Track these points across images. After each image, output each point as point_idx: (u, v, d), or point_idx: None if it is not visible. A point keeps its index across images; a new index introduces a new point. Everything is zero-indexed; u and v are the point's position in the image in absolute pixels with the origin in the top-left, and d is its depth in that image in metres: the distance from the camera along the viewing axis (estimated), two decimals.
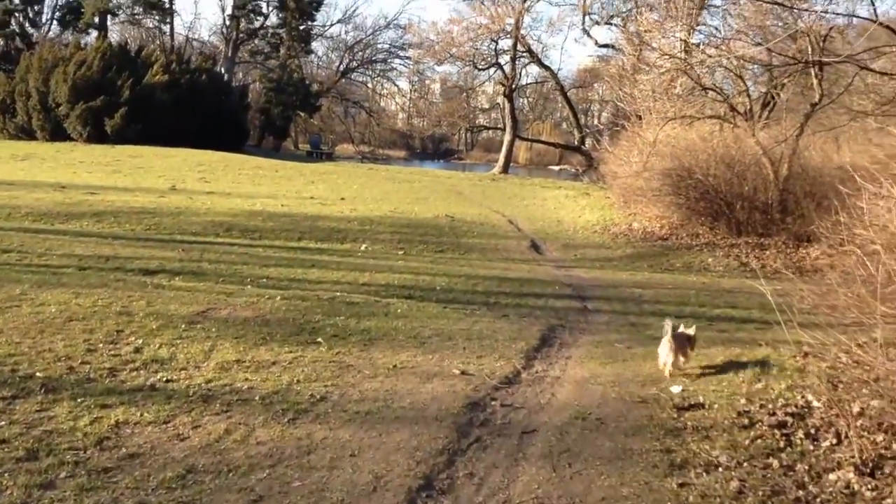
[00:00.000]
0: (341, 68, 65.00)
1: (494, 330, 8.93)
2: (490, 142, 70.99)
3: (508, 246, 17.58)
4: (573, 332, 9.39)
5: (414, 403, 6.25)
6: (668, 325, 7.17)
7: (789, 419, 5.82)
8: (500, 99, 53.67)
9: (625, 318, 10.68)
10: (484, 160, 63.86)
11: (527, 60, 49.29)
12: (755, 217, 17.74)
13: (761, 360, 7.52)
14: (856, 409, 5.84)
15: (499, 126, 59.36)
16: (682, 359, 7.24)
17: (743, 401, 6.31)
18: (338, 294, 10.68)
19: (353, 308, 9.68)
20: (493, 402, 6.38)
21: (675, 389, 6.69)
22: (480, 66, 49.85)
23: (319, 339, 7.97)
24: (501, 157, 48.00)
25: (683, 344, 7.28)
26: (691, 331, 7.44)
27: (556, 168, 60.67)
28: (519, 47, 47.23)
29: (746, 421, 5.86)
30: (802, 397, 6.27)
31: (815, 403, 6.10)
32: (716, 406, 6.25)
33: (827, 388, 6.51)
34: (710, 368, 7.39)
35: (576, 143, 49.81)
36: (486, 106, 65.13)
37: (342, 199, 24.05)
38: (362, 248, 16.10)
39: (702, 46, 22.29)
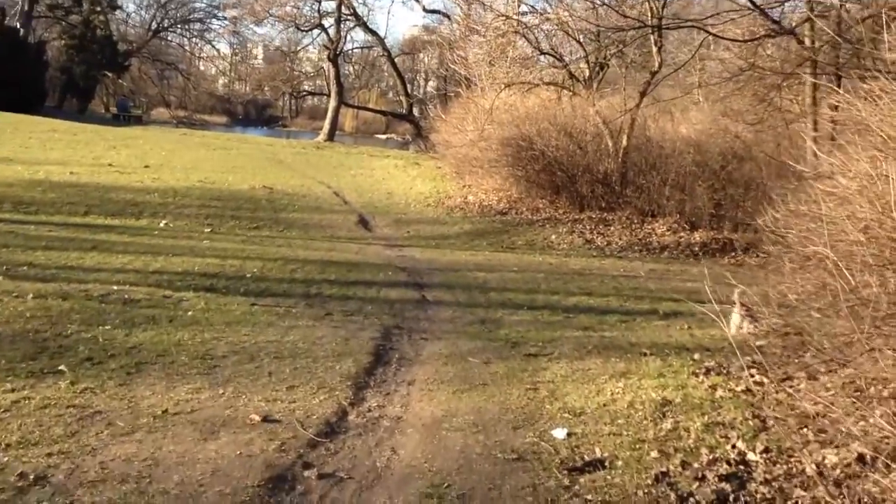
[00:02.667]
0: (153, 27, 59.76)
1: (314, 340, 6.79)
2: (316, 109, 67.70)
3: (334, 221, 15.41)
4: (413, 337, 7.40)
5: (184, 483, 4.02)
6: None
7: (727, 487, 4.06)
8: (325, 64, 50.61)
9: (471, 312, 8.79)
10: (309, 128, 60.54)
11: (352, 24, 46.51)
12: (597, 191, 16.41)
13: (657, 381, 5.81)
14: (808, 468, 4.17)
15: (324, 92, 56.37)
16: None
17: (654, 453, 4.50)
18: (115, 288, 8.21)
19: (129, 310, 7.29)
20: (306, 474, 4.25)
21: (559, 434, 4.82)
22: (303, 28, 46.72)
23: (62, 367, 5.54)
24: (326, 123, 45.21)
25: None
26: None
27: (384, 137, 58.45)
28: (343, 9, 44.52)
29: (671, 494, 4.05)
30: (732, 445, 4.54)
31: (751, 456, 4.39)
32: (619, 463, 4.42)
33: (755, 427, 4.84)
34: (595, 395, 5.58)
35: (404, 111, 47.83)
36: (311, 72, 61.83)
37: (146, 167, 20.99)
38: (161, 224, 13.53)
39: (539, 9, 20.75)
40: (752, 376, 5.71)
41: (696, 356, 6.57)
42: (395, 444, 4.68)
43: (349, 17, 45.20)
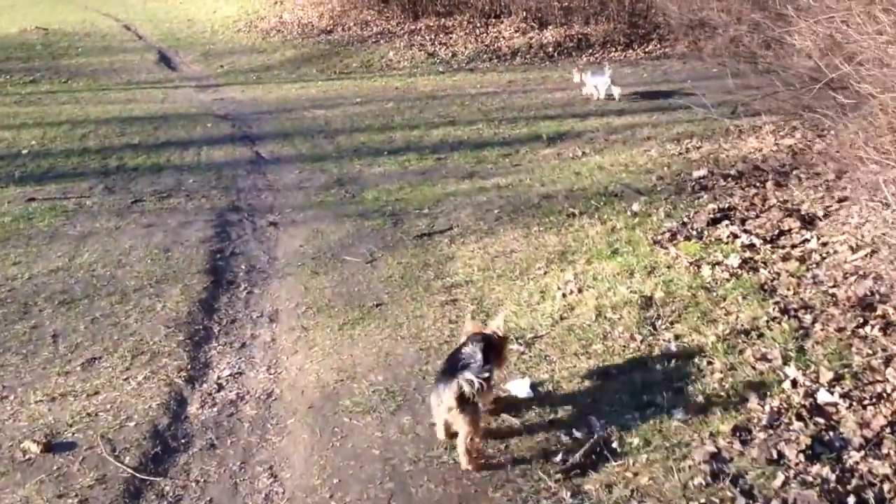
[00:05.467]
0: None
1: (119, 258, 4.64)
2: None
3: (129, 63, 12.53)
4: (258, 223, 5.36)
5: None
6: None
7: (827, 473, 2.47)
8: None
9: (322, 169, 6.75)
10: None
11: None
12: None
13: (614, 263, 4.12)
14: None
15: None
16: None
17: (679, 414, 2.86)
18: None
19: None
20: None
21: (521, 391, 3.08)
22: None
23: None
24: None
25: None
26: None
27: None
28: None
29: (735, 493, 2.43)
30: (788, 379, 2.94)
31: (824, 395, 2.83)
32: (635, 442, 2.74)
33: (791, 331, 3.27)
34: (541, 299, 3.85)
35: None
36: None
37: None
38: None
39: None
40: (736, 237, 4.12)
41: (635, 207, 4.92)
42: (273, 458, 2.81)
43: None
